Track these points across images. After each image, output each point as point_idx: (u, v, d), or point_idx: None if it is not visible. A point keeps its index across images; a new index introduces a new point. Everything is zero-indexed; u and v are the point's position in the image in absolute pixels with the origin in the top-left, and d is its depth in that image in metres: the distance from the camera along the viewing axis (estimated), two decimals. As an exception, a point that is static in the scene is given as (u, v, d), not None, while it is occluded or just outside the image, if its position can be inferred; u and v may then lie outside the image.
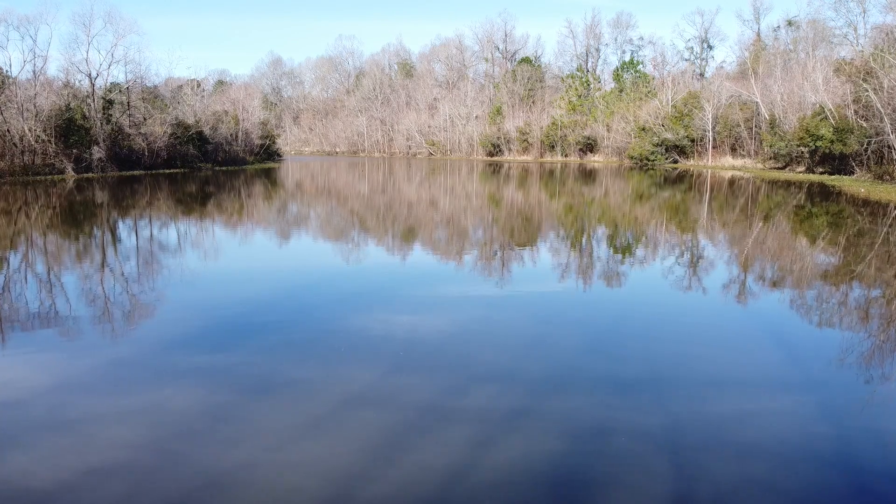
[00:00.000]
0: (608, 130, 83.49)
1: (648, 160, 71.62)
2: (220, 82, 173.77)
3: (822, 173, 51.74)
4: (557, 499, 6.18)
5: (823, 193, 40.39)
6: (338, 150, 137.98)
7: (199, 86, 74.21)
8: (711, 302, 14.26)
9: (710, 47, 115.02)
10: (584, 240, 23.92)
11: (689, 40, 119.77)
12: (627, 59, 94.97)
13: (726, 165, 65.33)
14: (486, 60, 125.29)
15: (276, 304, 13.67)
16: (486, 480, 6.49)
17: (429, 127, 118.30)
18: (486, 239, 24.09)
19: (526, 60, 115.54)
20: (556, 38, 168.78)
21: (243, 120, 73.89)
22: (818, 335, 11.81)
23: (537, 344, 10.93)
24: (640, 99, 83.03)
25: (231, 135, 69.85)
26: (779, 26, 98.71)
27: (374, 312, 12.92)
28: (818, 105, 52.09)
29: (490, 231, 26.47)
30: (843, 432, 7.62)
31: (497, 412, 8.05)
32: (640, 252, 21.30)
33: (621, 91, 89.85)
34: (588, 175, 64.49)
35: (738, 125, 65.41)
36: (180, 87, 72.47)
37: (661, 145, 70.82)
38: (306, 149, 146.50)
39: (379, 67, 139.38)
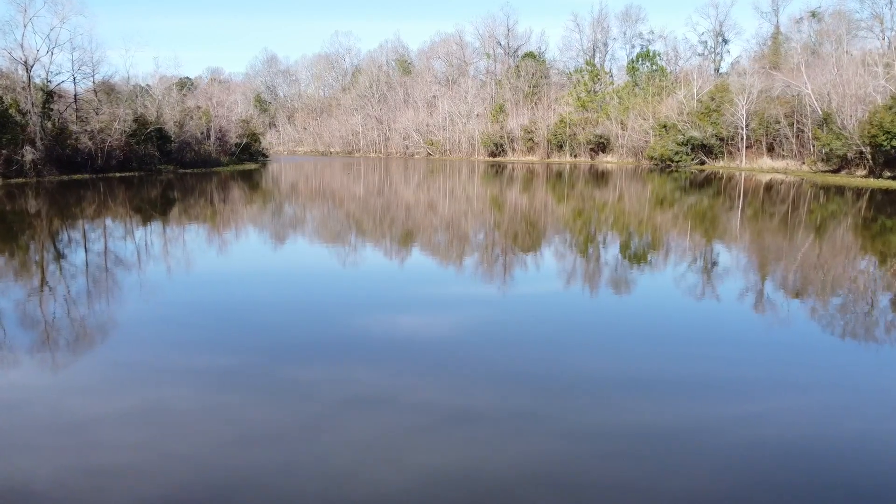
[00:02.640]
0: (623, 128, 73.63)
1: (672, 161, 61.76)
2: (214, 80, 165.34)
3: (890, 178, 41.99)
4: (564, 500, 6.00)
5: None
6: (332, 150, 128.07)
7: (187, 83, 64.35)
8: (740, 330, 11.77)
9: (726, 41, 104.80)
10: (593, 249, 21.61)
11: (702, 34, 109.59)
12: (640, 52, 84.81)
13: (764, 167, 55.52)
14: (488, 56, 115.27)
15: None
16: (491, 481, 6.30)
17: (427, 126, 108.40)
18: (488, 250, 21.37)
19: (530, 55, 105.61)
20: (560, 34, 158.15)
21: (217, 116, 63.97)
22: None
23: (545, 353, 10.24)
24: (658, 94, 73.26)
25: (202, 133, 59.91)
26: (801, 18, 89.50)
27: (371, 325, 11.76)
28: (889, 96, 42.24)
29: (491, 241, 23.27)
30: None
31: (503, 413, 7.85)
32: (657, 265, 18.80)
33: (635, 85, 79.94)
34: (600, 177, 56.97)
35: (777, 121, 55.57)
36: (152, 84, 62.68)
37: (686, 144, 60.92)
38: (300, 149, 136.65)
39: (376, 65, 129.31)
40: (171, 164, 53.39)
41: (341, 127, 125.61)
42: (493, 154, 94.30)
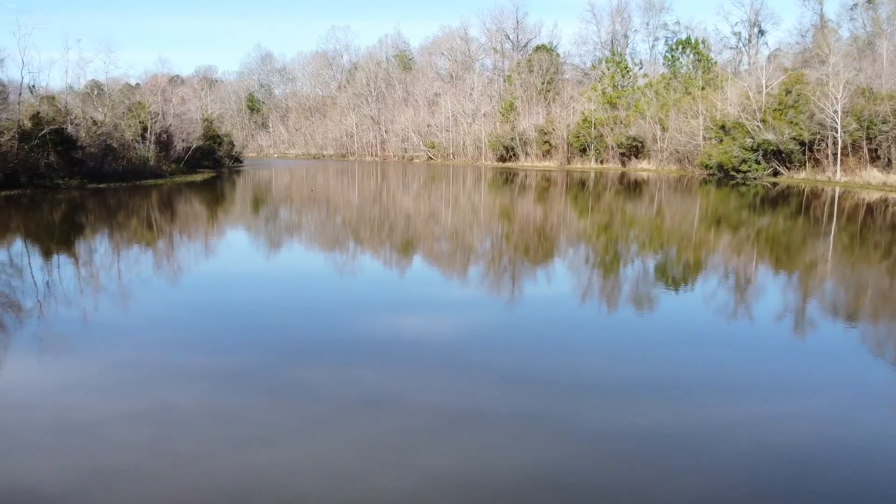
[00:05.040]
0: (663, 129, 58.15)
1: (737, 171, 46.22)
2: (206, 79, 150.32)
3: None
4: (570, 503, 5.76)
5: None
6: (325, 152, 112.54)
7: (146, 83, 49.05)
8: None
9: (762, 32, 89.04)
10: (606, 258, 19.19)
11: (735, 24, 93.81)
12: (679, 39, 68.64)
13: (872, 182, 39.89)
14: (495, 51, 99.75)
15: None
16: (497, 484, 6.04)
17: (428, 126, 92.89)
18: (495, 261, 18.78)
19: (543, 48, 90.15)
20: (574, 26, 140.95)
21: (162, 114, 48.60)
22: None
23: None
24: (704, 88, 57.95)
25: (136, 135, 44.49)
26: (855, 5, 74.29)
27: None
28: None
29: (498, 252, 20.55)
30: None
31: (509, 416, 7.55)
32: (674, 275, 16.66)
33: (673, 78, 64.34)
34: (635, 188, 45.35)
35: (885, 121, 40.09)
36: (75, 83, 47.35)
37: (756, 150, 45.33)
38: (292, 151, 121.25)
39: (375, 61, 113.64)
40: (79, 178, 37.78)
41: (335, 128, 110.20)
42: (502, 158, 79.06)
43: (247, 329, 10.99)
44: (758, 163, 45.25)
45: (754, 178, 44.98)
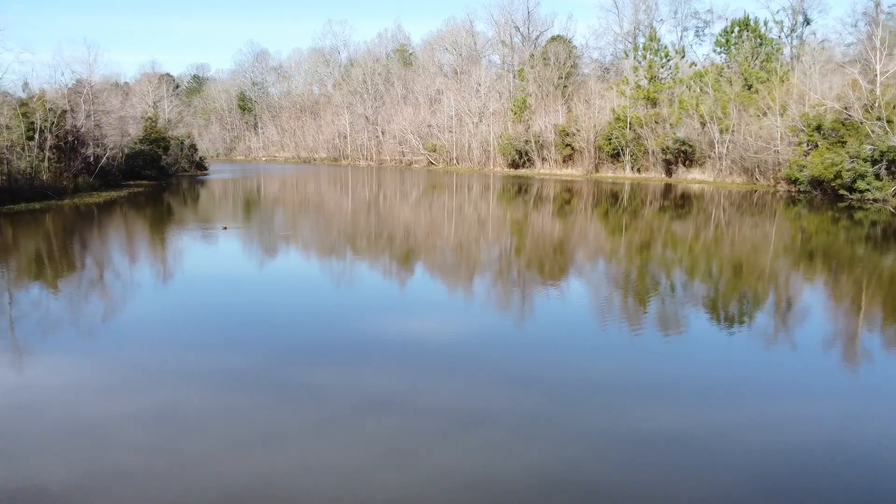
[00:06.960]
0: (722, 131, 44.31)
1: (851, 189, 32.28)
2: (196, 77, 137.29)
3: None
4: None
5: None
6: (317, 156, 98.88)
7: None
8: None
9: (808, 22, 75.29)
10: (617, 265, 18.21)
11: (777, 12, 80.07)
12: (735, 20, 54.48)
13: None
14: (504, 44, 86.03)
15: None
16: (506, 485, 5.87)
17: (429, 127, 79.24)
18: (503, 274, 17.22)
19: (558, 39, 76.45)
20: (592, 16, 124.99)
21: (71, 111, 35.05)
22: None
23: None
24: (769, 79, 44.25)
25: (20, 139, 30.91)
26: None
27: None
28: None
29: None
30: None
31: (519, 417, 7.37)
32: (686, 284, 15.49)
33: (726, 68, 50.45)
34: (683, 205, 34.79)
35: None
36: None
37: (879, 161, 31.40)
38: (282, 154, 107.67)
39: (373, 57, 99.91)
40: None
41: (328, 129, 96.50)
42: (514, 164, 65.45)
43: (252, 331, 10.89)
44: (878, 178, 31.44)
45: (875, 201, 31.18)
